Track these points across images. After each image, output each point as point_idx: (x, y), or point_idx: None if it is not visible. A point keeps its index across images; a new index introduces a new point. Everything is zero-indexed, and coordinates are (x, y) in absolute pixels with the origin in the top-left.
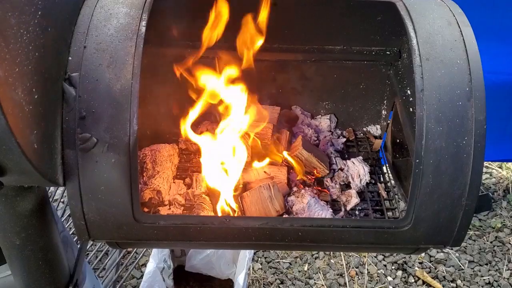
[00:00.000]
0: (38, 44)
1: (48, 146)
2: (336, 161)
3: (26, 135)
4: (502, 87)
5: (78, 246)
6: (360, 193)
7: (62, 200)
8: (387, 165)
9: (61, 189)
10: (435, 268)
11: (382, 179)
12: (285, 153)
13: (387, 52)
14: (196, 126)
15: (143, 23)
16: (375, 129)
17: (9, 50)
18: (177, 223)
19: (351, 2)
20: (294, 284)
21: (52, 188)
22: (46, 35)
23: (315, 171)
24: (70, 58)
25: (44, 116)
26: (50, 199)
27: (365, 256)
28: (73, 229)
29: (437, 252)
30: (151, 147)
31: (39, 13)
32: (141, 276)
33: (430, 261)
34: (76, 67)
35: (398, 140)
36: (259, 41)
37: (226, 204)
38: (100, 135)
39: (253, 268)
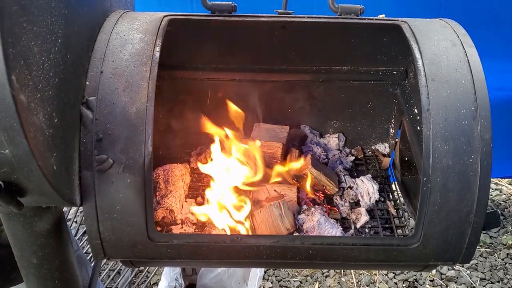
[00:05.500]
0: (58, 71)
1: (67, 167)
2: (345, 179)
3: (47, 157)
4: (510, 104)
5: (92, 265)
6: (369, 211)
7: (75, 219)
8: (396, 182)
9: (74, 208)
10: (447, 286)
11: (391, 197)
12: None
13: (394, 72)
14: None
15: (157, 48)
16: (383, 147)
17: (32, 77)
18: (190, 241)
19: (357, 24)
20: None
21: (65, 208)
22: (66, 61)
23: (324, 189)
24: (87, 82)
25: (63, 139)
26: None
27: (375, 274)
28: (87, 248)
29: (448, 269)
30: (164, 167)
31: (59, 41)
32: None
33: (441, 279)
34: (93, 91)
35: (406, 158)
36: None
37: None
38: (116, 156)
39: (263, 287)
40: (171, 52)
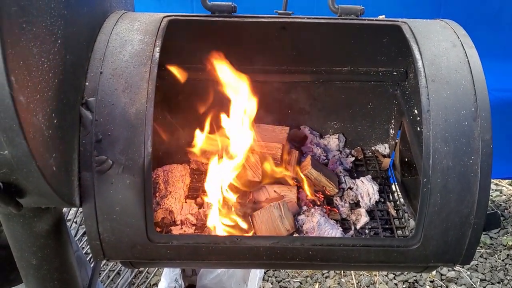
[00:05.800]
0: (57, 71)
1: (66, 168)
2: (345, 180)
3: (46, 158)
4: (510, 105)
5: (92, 266)
6: (369, 212)
7: (75, 220)
8: (396, 183)
9: (73, 209)
10: (447, 287)
11: (391, 198)
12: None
13: (394, 73)
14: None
15: (157, 49)
16: (383, 148)
17: (31, 77)
18: (190, 242)
19: (357, 25)
20: None
21: (65, 209)
22: (65, 62)
23: (324, 190)
24: (87, 83)
25: (63, 139)
26: None
27: (375, 275)
28: (86, 249)
29: (448, 270)
30: (163, 168)
31: (59, 41)
32: None
33: (441, 280)
34: (92, 92)
35: (406, 159)
36: None
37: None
38: (116, 157)
39: None
40: (171, 52)
